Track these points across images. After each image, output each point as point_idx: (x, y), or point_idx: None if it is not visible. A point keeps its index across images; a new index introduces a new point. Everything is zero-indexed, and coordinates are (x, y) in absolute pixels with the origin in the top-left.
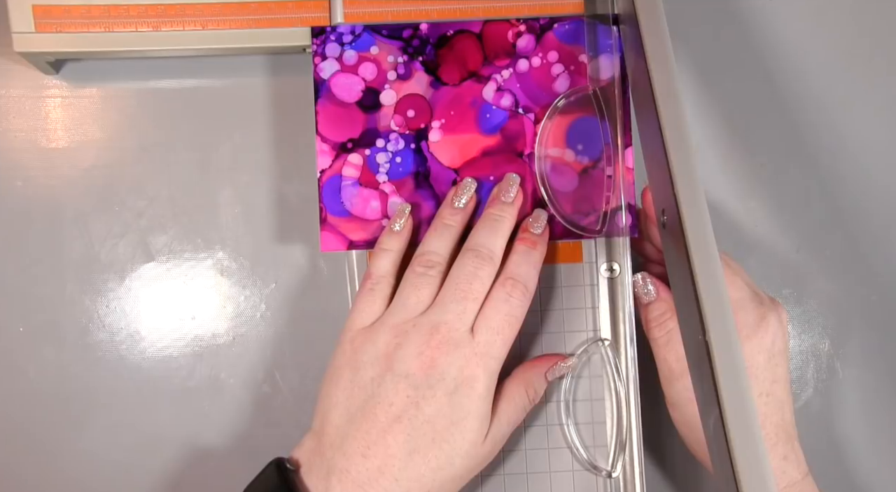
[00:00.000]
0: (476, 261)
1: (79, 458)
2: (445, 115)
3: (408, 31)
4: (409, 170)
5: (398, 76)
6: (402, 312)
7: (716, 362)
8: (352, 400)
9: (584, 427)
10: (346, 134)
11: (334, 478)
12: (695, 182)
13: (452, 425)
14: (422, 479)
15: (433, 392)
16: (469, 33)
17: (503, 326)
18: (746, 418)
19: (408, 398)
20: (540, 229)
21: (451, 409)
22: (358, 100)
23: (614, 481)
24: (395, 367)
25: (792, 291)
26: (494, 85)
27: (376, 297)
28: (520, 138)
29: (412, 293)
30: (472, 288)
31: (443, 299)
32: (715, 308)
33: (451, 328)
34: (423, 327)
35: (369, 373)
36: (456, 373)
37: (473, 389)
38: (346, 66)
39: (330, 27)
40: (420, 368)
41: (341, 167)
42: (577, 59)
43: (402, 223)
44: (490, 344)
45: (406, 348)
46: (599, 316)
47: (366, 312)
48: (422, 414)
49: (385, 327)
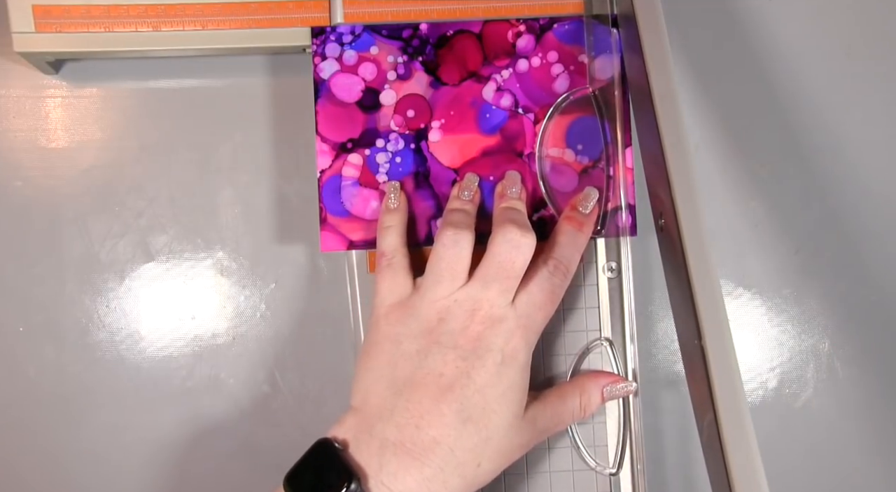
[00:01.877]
0: (516, 231)
1: (79, 458)
2: (445, 115)
3: (407, 31)
4: (409, 170)
5: (398, 76)
6: (438, 286)
7: (711, 367)
8: (397, 372)
9: (584, 427)
10: (346, 134)
11: (388, 452)
12: (692, 185)
13: (501, 396)
14: (475, 450)
15: (483, 362)
16: (469, 33)
17: (545, 302)
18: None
19: (458, 369)
20: (588, 209)
21: (499, 379)
22: (358, 100)
23: (615, 480)
24: (442, 340)
25: (792, 291)
26: (494, 85)
27: (397, 270)
28: (519, 138)
29: (445, 266)
30: (515, 265)
31: (485, 276)
32: (711, 313)
33: (493, 304)
34: (465, 303)
35: (413, 346)
36: (502, 344)
37: (517, 360)
38: (345, 66)
39: (330, 27)
40: (467, 341)
41: (341, 167)
42: (577, 60)
43: (396, 198)
44: (531, 318)
45: (450, 323)
46: (600, 316)
47: (393, 289)
48: (473, 383)
49: (424, 302)
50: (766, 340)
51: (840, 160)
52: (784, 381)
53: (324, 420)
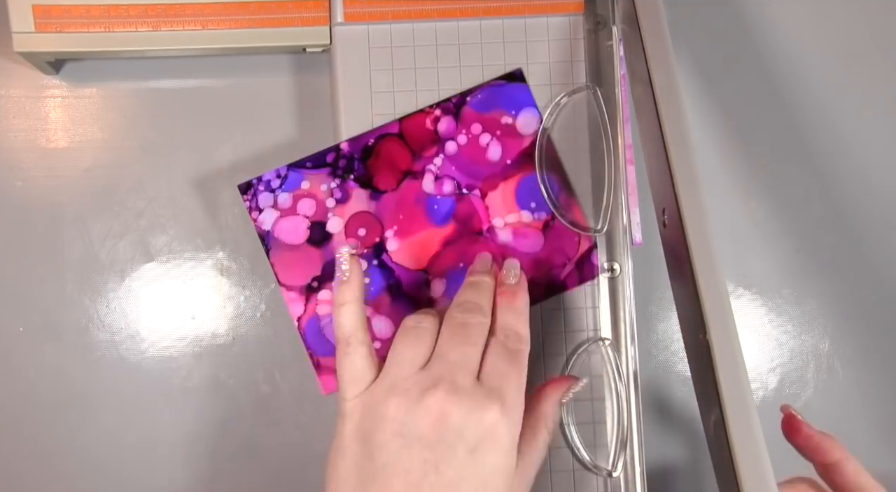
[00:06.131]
0: (465, 314)
1: (79, 458)
2: (395, 221)
3: (331, 155)
4: (381, 286)
5: (337, 201)
6: (399, 371)
7: (716, 362)
8: (364, 474)
9: (584, 427)
10: (308, 274)
11: None
12: (696, 182)
13: (480, 486)
14: None
15: (452, 452)
16: (389, 136)
17: (510, 369)
18: (747, 418)
19: (425, 462)
20: (515, 279)
21: (477, 467)
22: (307, 238)
23: (615, 480)
24: (405, 430)
25: (792, 291)
26: (431, 176)
27: (354, 359)
28: (474, 218)
29: (406, 350)
30: (469, 334)
31: (440, 350)
32: (715, 307)
33: (455, 379)
34: (424, 382)
35: (377, 441)
36: (474, 426)
37: (498, 443)
38: (283, 210)
39: (255, 179)
40: (431, 426)
41: (314, 308)
42: (501, 123)
43: (347, 268)
44: (503, 389)
45: (412, 409)
46: (600, 316)
47: (354, 379)
48: (443, 478)
49: (383, 390)
50: (766, 341)
51: (840, 160)
52: (784, 381)
53: (323, 420)
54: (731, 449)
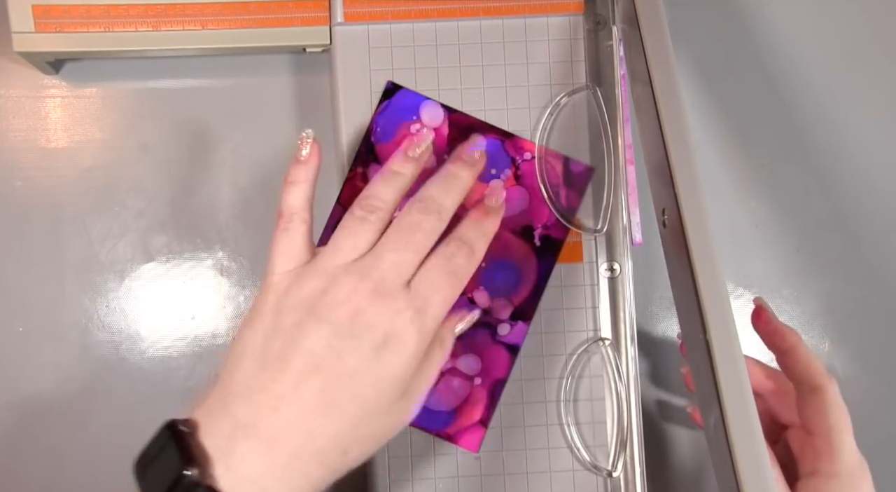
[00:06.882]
0: (421, 214)
1: (79, 458)
2: None
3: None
4: None
5: None
6: (333, 256)
7: (716, 362)
8: (268, 346)
9: (584, 427)
10: None
11: (239, 434)
12: (696, 181)
13: (375, 383)
14: (339, 436)
15: (358, 343)
16: None
17: (443, 284)
18: (747, 417)
19: (329, 348)
20: (497, 203)
21: (377, 364)
22: None
23: (615, 480)
24: (320, 313)
25: (792, 291)
26: None
27: (293, 236)
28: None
29: (347, 238)
30: (414, 239)
31: (379, 248)
32: (715, 307)
33: (384, 277)
34: (353, 274)
35: (290, 318)
36: (386, 326)
37: (403, 347)
38: None
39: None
40: (346, 316)
41: None
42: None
43: (308, 151)
44: (427, 300)
45: (333, 294)
46: (599, 316)
47: (288, 255)
48: (343, 366)
49: (313, 271)
50: None
51: (841, 160)
52: None
53: None
54: (731, 449)
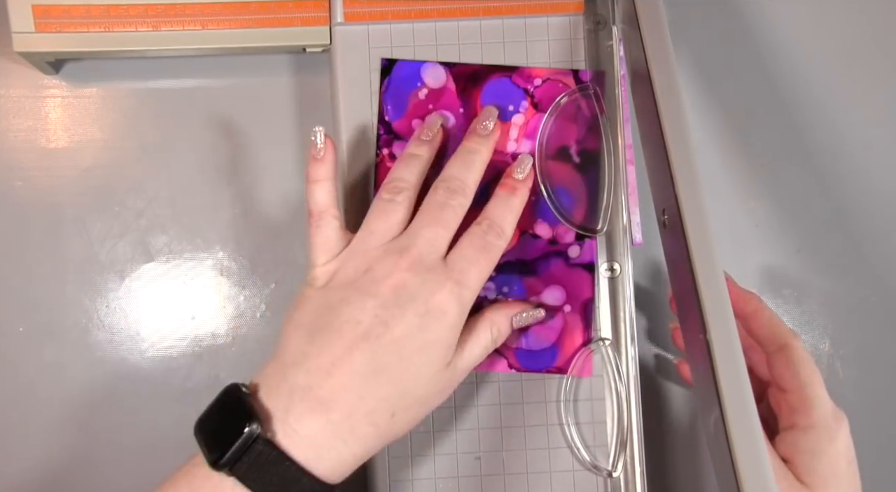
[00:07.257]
0: (447, 193)
1: (78, 458)
2: None
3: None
4: None
5: None
6: (370, 238)
7: (716, 361)
8: (318, 321)
9: (584, 427)
10: None
11: (297, 396)
12: (696, 181)
13: (420, 349)
14: (388, 399)
15: (402, 312)
16: None
17: (477, 258)
18: (747, 417)
19: (376, 317)
20: (523, 175)
21: (420, 331)
22: None
23: (615, 480)
24: (365, 288)
25: (792, 291)
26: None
27: (326, 231)
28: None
29: (379, 219)
30: (443, 216)
31: (413, 227)
32: (715, 307)
33: (421, 252)
34: (392, 252)
35: (337, 296)
36: (427, 296)
37: (445, 316)
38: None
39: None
40: (390, 289)
41: None
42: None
43: (322, 146)
44: (463, 272)
45: (375, 272)
46: (599, 316)
47: (324, 247)
48: (390, 333)
49: (354, 253)
50: None
51: (841, 160)
52: None
53: None
54: (731, 449)
